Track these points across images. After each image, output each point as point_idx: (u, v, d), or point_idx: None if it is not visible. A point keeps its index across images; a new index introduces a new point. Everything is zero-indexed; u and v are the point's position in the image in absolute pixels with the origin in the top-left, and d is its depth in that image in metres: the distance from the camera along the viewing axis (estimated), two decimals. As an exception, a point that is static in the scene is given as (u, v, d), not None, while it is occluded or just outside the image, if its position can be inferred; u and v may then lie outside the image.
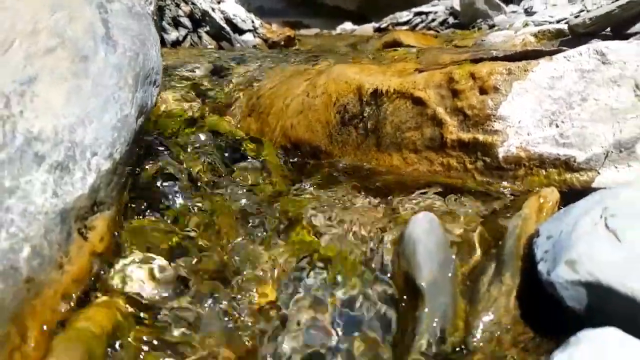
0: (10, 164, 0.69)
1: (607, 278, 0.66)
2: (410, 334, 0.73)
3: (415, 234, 0.77)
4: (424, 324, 0.73)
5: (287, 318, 0.77)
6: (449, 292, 0.77)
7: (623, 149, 1.02)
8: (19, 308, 0.64)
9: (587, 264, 0.69)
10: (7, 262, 0.65)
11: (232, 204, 1.02)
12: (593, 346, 0.45)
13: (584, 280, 0.68)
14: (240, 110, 1.57)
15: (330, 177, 1.24)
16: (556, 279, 0.70)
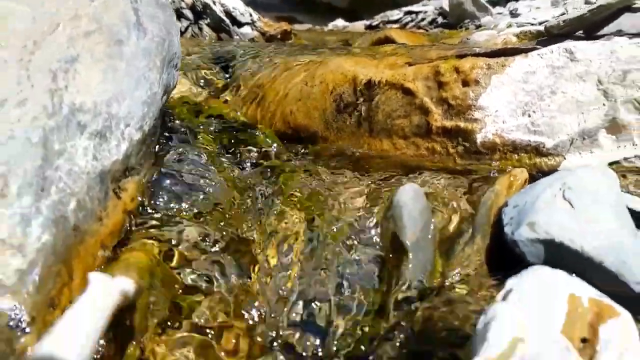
0: (59, 130, 0.82)
1: (561, 236, 0.81)
2: (396, 282, 0.86)
3: (402, 200, 0.91)
4: (408, 274, 0.87)
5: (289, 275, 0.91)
6: (429, 250, 0.91)
7: (586, 137, 1.17)
8: (68, 251, 0.77)
9: (544, 225, 0.83)
10: (58, 212, 0.77)
11: (240, 178, 1.15)
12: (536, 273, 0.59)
13: (542, 238, 0.82)
14: (241, 98, 1.70)
15: (325, 159, 1.37)
16: (519, 238, 0.84)
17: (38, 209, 0.75)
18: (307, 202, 1.03)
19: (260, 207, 1.01)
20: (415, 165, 1.28)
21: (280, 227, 0.98)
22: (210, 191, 1.03)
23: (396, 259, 0.90)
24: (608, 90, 1.14)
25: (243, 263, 0.91)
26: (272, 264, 0.92)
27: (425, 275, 0.88)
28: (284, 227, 0.98)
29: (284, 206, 1.03)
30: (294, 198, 1.05)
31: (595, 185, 0.93)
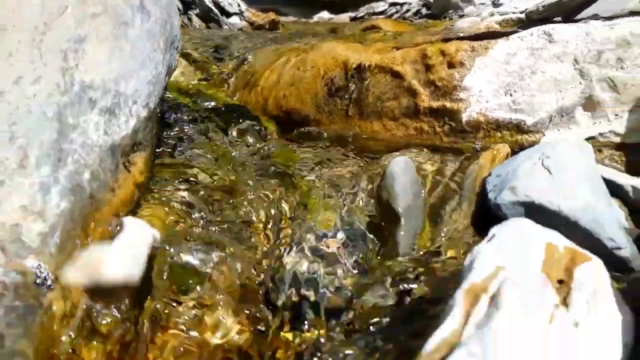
0: (72, 106, 0.87)
1: (539, 198, 0.89)
2: (390, 245, 0.94)
3: (394, 171, 0.98)
4: (401, 237, 0.94)
5: (292, 238, 0.97)
6: (420, 216, 0.99)
7: (564, 114, 1.25)
8: (85, 218, 0.83)
9: (525, 189, 0.91)
10: (75, 181, 0.83)
11: (237, 156, 1.21)
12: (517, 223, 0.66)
13: (522, 200, 0.90)
14: (234, 84, 1.76)
15: (318, 140, 1.44)
16: (501, 202, 0.92)
17: (56, 178, 0.81)
18: (303, 175, 1.10)
19: (258, 178, 1.07)
20: (405, 144, 1.35)
21: (277, 197, 1.04)
22: (208, 167, 1.09)
23: (390, 224, 0.97)
24: (584, 69, 1.22)
25: (244, 229, 0.97)
26: (270, 227, 0.98)
27: (416, 238, 0.96)
28: (281, 197, 1.04)
29: (279, 179, 1.10)
30: (290, 171, 1.12)
31: (572, 155, 1.01)
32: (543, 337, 0.55)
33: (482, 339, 0.48)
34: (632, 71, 1.22)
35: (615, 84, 1.22)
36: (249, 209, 0.99)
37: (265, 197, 1.01)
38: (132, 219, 0.75)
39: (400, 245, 0.93)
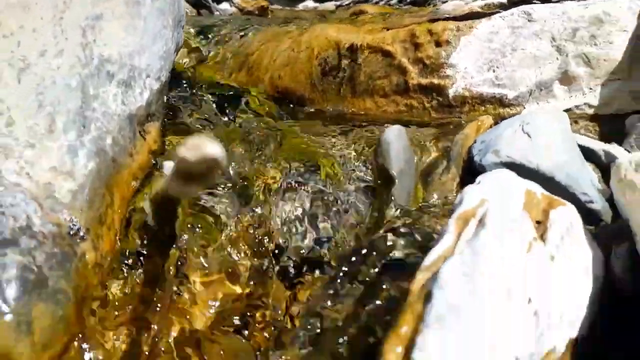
0: (92, 78, 0.95)
1: (520, 158, 0.99)
2: (385, 206, 1.03)
3: (389, 138, 1.08)
4: (395, 196, 1.04)
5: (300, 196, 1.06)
6: (412, 179, 1.08)
7: (543, 88, 1.36)
8: (108, 179, 0.91)
9: (507, 151, 1.01)
10: (98, 145, 0.91)
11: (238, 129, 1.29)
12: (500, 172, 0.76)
13: (504, 161, 1.00)
14: (230, 67, 1.83)
15: (313, 116, 1.53)
16: (485, 163, 1.02)
17: (82, 142, 0.89)
18: (303, 144, 1.19)
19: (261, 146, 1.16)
20: (395, 120, 1.44)
21: (280, 164, 1.13)
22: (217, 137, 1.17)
23: (385, 186, 1.07)
24: (560, 46, 1.33)
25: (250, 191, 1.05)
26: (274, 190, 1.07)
27: (409, 199, 1.05)
28: (284, 164, 1.13)
29: (283, 146, 1.18)
30: (292, 139, 1.21)
31: (549, 122, 1.12)
32: (522, 262, 0.65)
33: (472, 249, 0.58)
34: (604, 47, 1.33)
35: (589, 60, 1.33)
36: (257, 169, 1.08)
37: (273, 161, 1.09)
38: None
39: (394, 201, 1.03)
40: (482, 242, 0.59)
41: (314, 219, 1.01)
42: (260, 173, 1.08)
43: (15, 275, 0.69)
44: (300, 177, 1.11)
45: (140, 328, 0.75)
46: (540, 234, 0.75)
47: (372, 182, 1.10)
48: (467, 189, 0.68)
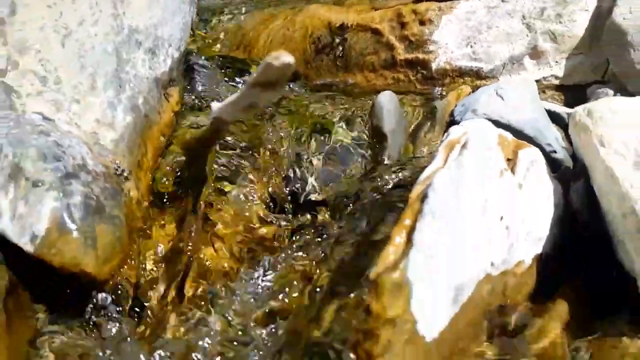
0: (124, 44, 1.09)
1: (494, 116, 1.16)
2: (380, 159, 1.20)
3: (382, 101, 1.24)
4: (387, 152, 1.20)
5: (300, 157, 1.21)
6: (402, 137, 1.25)
7: (515, 62, 1.53)
8: (142, 132, 1.05)
9: (483, 110, 1.19)
10: (133, 102, 1.05)
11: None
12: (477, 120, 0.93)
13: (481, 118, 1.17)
14: (227, 45, 1.97)
15: (310, 88, 1.68)
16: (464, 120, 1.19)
17: (119, 99, 1.03)
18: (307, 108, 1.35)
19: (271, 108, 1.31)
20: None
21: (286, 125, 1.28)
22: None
23: (379, 143, 1.24)
24: (530, 24, 1.51)
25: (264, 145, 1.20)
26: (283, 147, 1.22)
27: (400, 153, 1.22)
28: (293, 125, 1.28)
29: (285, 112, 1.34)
30: (294, 107, 1.36)
31: (520, 87, 1.29)
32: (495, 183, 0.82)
33: (457, 163, 0.74)
34: (568, 25, 1.51)
35: (555, 36, 1.51)
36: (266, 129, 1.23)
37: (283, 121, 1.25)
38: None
39: (387, 156, 1.19)
40: (465, 158, 0.76)
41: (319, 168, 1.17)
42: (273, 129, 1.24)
43: (80, 201, 0.83)
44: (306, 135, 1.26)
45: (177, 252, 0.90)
46: (511, 167, 0.92)
47: (368, 139, 1.26)
48: (452, 128, 0.85)
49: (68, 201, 0.82)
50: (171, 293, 0.84)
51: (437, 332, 0.74)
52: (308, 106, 1.43)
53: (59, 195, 0.82)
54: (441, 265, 0.70)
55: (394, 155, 1.21)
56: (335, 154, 1.22)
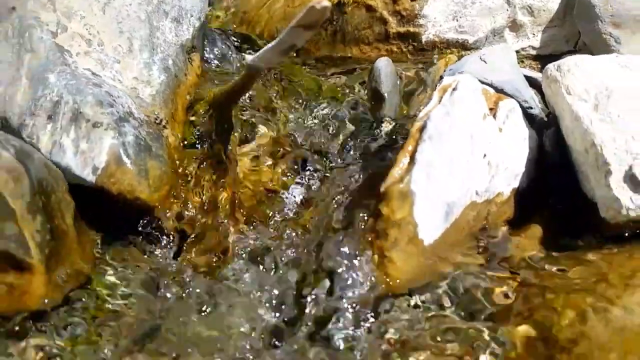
0: (154, 13, 1.24)
1: (479, 76, 1.34)
2: (378, 115, 1.37)
3: (379, 65, 1.42)
4: (385, 111, 1.38)
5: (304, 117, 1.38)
6: (397, 98, 1.43)
7: (496, 34, 1.72)
8: (173, 90, 1.21)
9: (469, 71, 1.36)
10: (165, 64, 1.21)
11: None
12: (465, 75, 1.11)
13: (468, 78, 1.35)
14: (231, 22, 2.12)
15: (310, 61, 1.85)
16: (454, 81, 1.37)
17: (153, 60, 1.19)
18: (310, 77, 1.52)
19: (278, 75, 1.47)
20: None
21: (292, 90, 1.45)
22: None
23: (377, 104, 1.41)
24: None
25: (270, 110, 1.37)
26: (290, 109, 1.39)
27: (395, 112, 1.40)
28: (299, 90, 1.45)
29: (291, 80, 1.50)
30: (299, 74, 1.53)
31: (500, 53, 1.47)
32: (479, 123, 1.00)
33: (450, 100, 0.92)
34: (544, 0, 1.69)
35: (532, 10, 1.70)
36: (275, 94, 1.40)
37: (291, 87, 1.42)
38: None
39: (385, 115, 1.37)
40: (456, 98, 0.93)
41: (324, 125, 1.34)
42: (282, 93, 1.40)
43: (132, 140, 0.99)
44: (312, 99, 1.43)
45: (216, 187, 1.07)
46: (492, 114, 1.10)
47: (367, 101, 1.44)
48: (445, 77, 1.03)
49: (123, 140, 0.98)
50: (220, 220, 1.01)
51: (432, 240, 0.92)
52: (311, 74, 1.60)
53: (115, 135, 0.98)
54: (436, 181, 0.88)
55: (391, 114, 1.39)
56: (336, 114, 1.39)
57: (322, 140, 1.26)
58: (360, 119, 1.36)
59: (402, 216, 0.82)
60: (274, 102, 1.39)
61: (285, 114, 1.36)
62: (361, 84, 1.55)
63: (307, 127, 1.34)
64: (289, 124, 1.33)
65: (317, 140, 1.28)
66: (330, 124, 1.32)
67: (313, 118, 1.36)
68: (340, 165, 1.16)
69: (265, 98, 1.39)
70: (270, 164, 1.17)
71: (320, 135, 1.28)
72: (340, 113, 1.39)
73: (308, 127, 1.34)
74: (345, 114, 1.38)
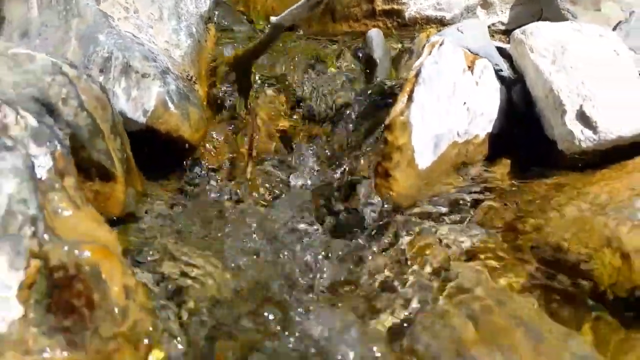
0: (177, -12, 1.44)
1: (459, 44, 1.58)
2: (371, 78, 1.60)
3: (372, 35, 1.64)
4: (377, 73, 1.60)
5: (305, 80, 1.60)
6: (388, 63, 1.66)
7: (470, 12, 1.96)
8: (198, 53, 1.41)
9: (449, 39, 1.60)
10: (189, 31, 1.41)
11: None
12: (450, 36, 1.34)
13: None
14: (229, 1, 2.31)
15: (304, 38, 2.06)
16: (436, 47, 1.60)
17: (180, 27, 1.39)
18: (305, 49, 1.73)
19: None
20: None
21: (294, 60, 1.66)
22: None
23: (370, 69, 1.64)
24: (481, -20, 1.93)
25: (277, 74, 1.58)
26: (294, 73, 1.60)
27: (387, 75, 1.63)
28: (300, 58, 1.66)
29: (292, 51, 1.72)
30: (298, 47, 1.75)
31: (475, 27, 1.71)
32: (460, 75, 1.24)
33: (438, 52, 1.15)
34: (510, -19, 1.95)
35: (501, -10, 1.95)
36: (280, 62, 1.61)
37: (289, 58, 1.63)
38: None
39: (378, 77, 1.60)
40: (442, 52, 1.17)
41: (323, 87, 1.56)
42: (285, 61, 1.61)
43: (174, 89, 1.20)
44: (311, 66, 1.65)
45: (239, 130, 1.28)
46: (470, 70, 1.34)
47: (360, 67, 1.66)
48: (432, 36, 1.26)
49: (167, 88, 1.18)
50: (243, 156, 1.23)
51: (425, 166, 1.16)
52: (308, 47, 1.82)
53: (161, 84, 1.18)
54: (428, 115, 1.11)
55: (383, 76, 1.61)
56: (333, 78, 1.61)
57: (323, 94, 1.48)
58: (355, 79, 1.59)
59: (403, 142, 1.05)
60: (278, 67, 1.60)
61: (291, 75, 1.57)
62: (354, 52, 1.77)
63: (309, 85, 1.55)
64: (293, 83, 1.54)
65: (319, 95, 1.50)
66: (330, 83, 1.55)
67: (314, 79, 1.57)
68: (341, 113, 1.39)
69: (272, 65, 1.60)
70: (281, 113, 1.39)
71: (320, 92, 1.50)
72: (338, 74, 1.61)
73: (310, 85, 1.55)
74: (338, 79, 1.60)
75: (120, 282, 0.62)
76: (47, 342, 0.58)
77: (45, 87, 0.80)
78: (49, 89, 0.80)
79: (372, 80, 1.61)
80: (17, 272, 0.58)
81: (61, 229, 0.63)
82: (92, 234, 0.66)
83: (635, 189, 0.96)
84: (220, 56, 1.49)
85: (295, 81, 1.55)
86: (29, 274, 0.59)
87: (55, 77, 0.81)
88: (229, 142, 1.26)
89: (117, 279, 0.62)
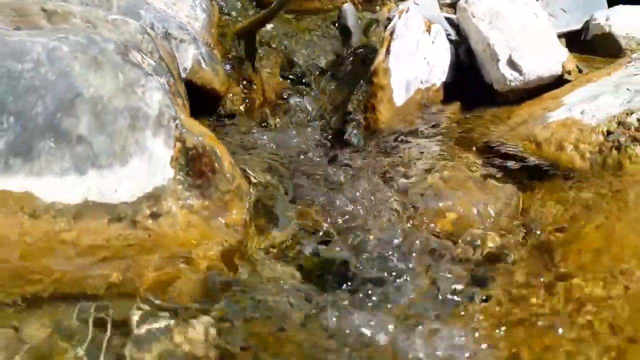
0: (190, -29, 1.79)
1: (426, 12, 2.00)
2: (347, 45, 2.00)
3: (346, 8, 2.05)
4: (352, 41, 2.01)
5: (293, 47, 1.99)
6: (360, 32, 2.06)
7: (422, -11, 2.39)
8: (210, 24, 1.77)
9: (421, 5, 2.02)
10: (202, 7, 1.77)
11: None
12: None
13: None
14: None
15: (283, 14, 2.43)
16: (398, 17, 2.03)
17: (195, 4, 1.75)
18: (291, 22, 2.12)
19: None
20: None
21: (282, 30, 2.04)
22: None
23: (345, 37, 2.04)
24: (430, -38, 2.37)
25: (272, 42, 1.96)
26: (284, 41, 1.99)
27: (359, 42, 2.04)
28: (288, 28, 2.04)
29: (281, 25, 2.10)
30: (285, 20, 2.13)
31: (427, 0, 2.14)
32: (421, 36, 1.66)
33: (406, 16, 1.57)
34: (454, -37, 2.39)
35: (446, -30, 2.38)
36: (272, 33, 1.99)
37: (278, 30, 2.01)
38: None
39: (353, 44, 2.00)
40: (409, 16, 1.58)
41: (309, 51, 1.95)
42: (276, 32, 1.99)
43: (205, 52, 1.56)
44: (296, 35, 2.03)
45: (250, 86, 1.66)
46: (427, 32, 1.76)
47: (337, 36, 2.06)
48: (400, 5, 1.67)
49: (200, 51, 1.54)
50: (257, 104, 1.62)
51: (399, 104, 1.57)
52: (292, 20, 2.20)
53: (195, 47, 1.54)
54: (401, 64, 1.52)
55: (357, 43, 2.02)
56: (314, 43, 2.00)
57: (311, 58, 1.88)
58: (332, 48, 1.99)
59: (385, 83, 1.46)
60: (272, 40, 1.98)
61: (282, 44, 1.95)
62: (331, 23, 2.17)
63: (297, 51, 1.94)
64: (285, 50, 1.93)
65: (307, 59, 1.89)
66: (314, 48, 1.94)
67: (300, 46, 1.96)
68: (325, 71, 1.80)
69: (265, 37, 1.98)
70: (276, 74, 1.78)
71: (308, 56, 1.90)
72: (319, 41, 2.00)
73: (298, 51, 1.94)
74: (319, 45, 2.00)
75: (228, 159, 0.98)
76: (188, 193, 0.94)
77: (138, 42, 1.14)
78: (141, 44, 1.15)
79: (348, 45, 2.02)
80: (169, 150, 0.93)
81: (187, 126, 0.99)
82: (203, 131, 1.03)
83: (546, 108, 1.42)
84: (227, 27, 1.86)
85: (285, 48, 1.94)
86: (176, 151, 0.93)
87: (144, 35, 1.16)
88: (245, 92, 1.64)
89: (226, 156, 0.99)
